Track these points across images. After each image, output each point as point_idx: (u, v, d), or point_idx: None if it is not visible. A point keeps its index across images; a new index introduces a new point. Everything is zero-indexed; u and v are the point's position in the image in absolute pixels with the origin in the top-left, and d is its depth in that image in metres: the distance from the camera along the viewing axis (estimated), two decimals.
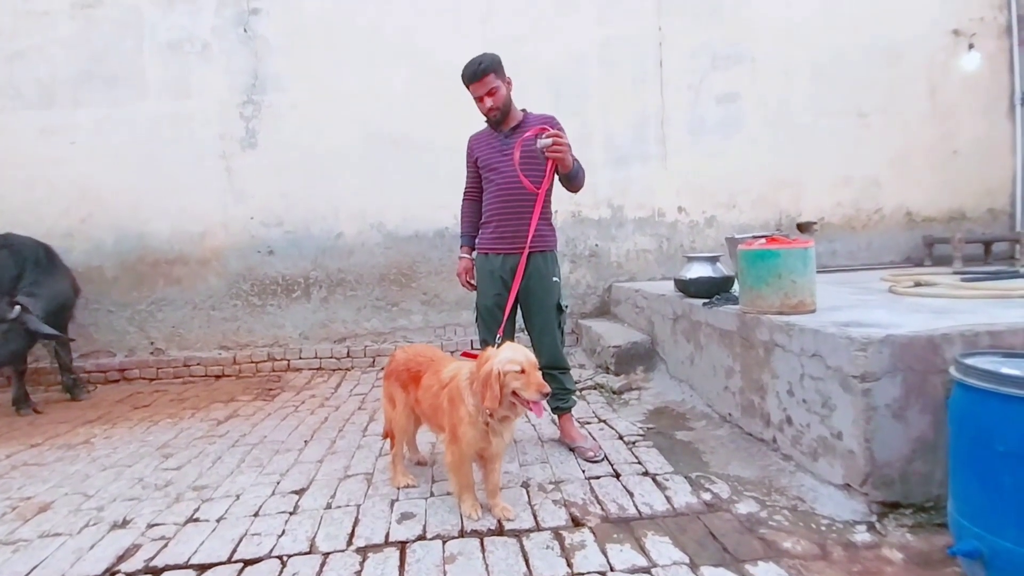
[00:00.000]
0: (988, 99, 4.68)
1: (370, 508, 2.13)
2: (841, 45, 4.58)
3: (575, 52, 4.55)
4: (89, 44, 4.53)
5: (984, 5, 4.62)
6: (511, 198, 2.42)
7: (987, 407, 1.44)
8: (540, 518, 1.98)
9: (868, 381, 1.83)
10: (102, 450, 2.96)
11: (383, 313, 4.63)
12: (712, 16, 4.55)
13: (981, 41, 4.58)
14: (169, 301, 4.60)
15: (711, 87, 4.59)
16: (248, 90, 4.57)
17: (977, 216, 4.78)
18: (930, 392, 1.82)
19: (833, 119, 4.64)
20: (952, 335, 1.85)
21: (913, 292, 2.71)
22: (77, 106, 4.55)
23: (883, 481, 1.84)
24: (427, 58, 4.50)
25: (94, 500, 2.34)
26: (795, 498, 2.02)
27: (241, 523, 2.08)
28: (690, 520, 1.92)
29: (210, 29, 4.56)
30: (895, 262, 4.73)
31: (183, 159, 4.56)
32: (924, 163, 4.70)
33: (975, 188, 4.75)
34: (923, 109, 4.67)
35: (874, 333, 1.86)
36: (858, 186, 4.72)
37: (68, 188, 4.55)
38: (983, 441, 1.45)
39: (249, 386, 4.24)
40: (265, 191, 4.59)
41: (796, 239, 2.42)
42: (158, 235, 4.59)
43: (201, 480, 2.49)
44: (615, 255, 4.62)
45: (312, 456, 2.71)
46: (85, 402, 4.01)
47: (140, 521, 2.13)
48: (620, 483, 2.22)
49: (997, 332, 1.87)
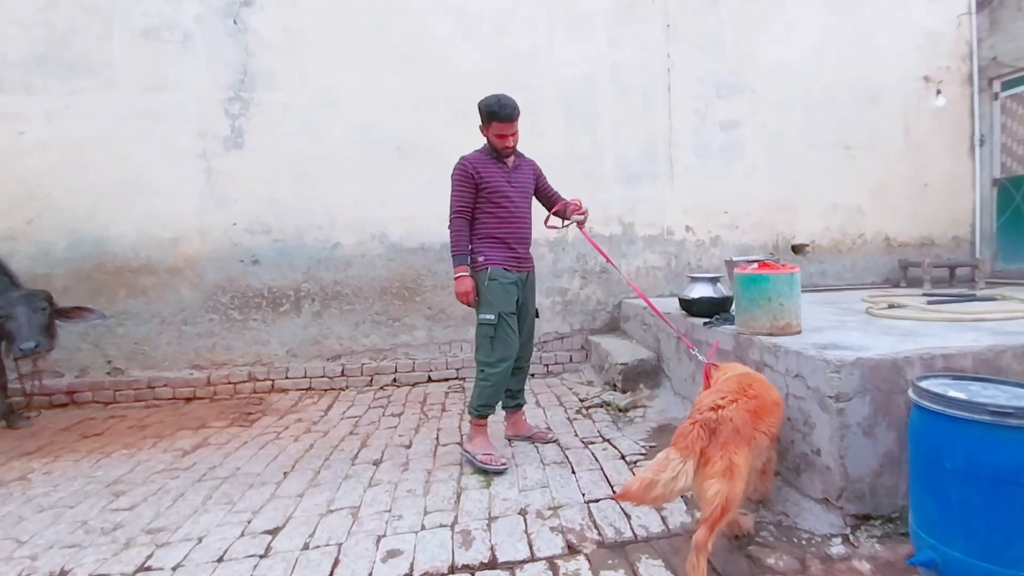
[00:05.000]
0: (953, 139, 5.13)
1: (352, 546, 1.98)
2: (830, 83, 4.91)
3: (587, 72, 4.57)
4: (48, 24, 4.04)
5: (951, 56, 5.12)
6: (523, 224, 2.76)
7: (937, 427, 1.55)
8: (536, 547, 1.93)
9: (842, 401, 1.94)
10: (40, 488, 2.60)
11: (383, 328, 4.29)
12: (717, 47, 4.74)
13: (947, 87, 5.05)
14: (132, 314, 4.06)
15: (715, 113, 4.74)
16: (236, 86, 4.21)
17: (944, 243, 5.18)
18: (895, 411, 1.95)
19: (822, 150, 4.92)
20: (913, 358, 1.99)
21: (885, 314, 2.92)
22: (29, 92, 4.01)
23: (855, 495, 1.94)
24: (437, 66, 4.35)
25: (27, 547, 2.08)
26: (780, 513, 2.08)
27: (201, 571, 1.87)
28: (684, 540, 1.88)
29: (193, 18, 4.19)
30: (876, 283, 5.02)
31: (154, 157, 4.11)
32: (900, 194, 5.06)
33: (942, 217, 5.16)
34: (899, 145, 5.05)
35: (847, 356, 1.98)
36: (844, 212, 4.99)
37: (12, 185, 3.97)
38: (934, 459, 1.56)
39: (225, 410, 3.80)
40: (251, 195, 4.19)
41: (784, 264, 2.53)
42: (121, 240, 4.07)
43: (157, 521, 2.24)
44: (625, 271, 4.58)
45: (291, 490, 2.48)
46: (23, 431, 3.47)
47: (80, 572, 1.90)
48: (619, 505, 2.19)
49: (950, 355, 2.02)
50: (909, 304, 3.13)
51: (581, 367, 4.46)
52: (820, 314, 3.07)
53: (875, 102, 4.97)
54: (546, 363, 4.47)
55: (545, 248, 4.44)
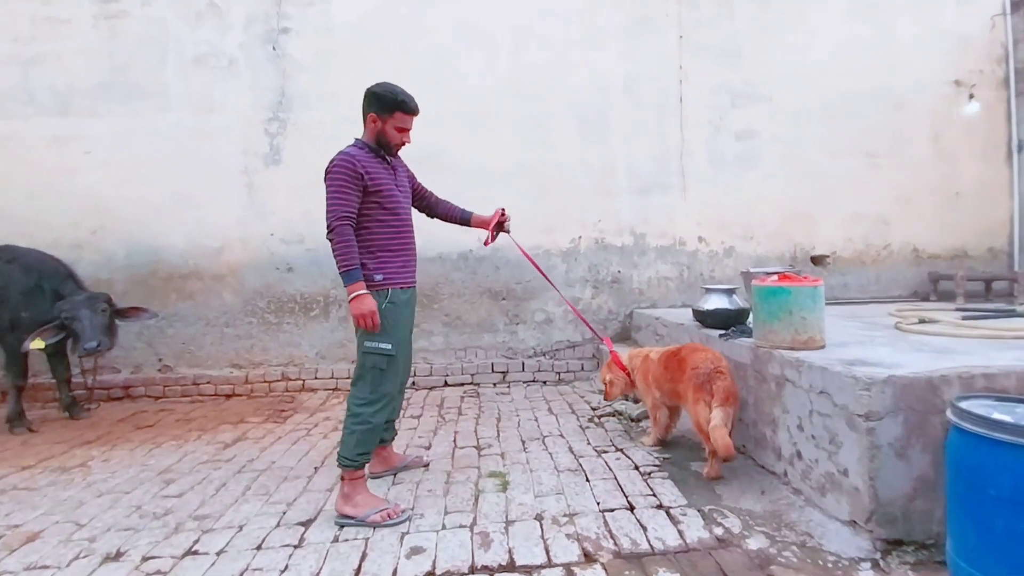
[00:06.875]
0: (987, 145, 4.94)
1: (378, 541, 2.05)
2: (850, 90, 4.82)
3: (600, 84, 4.69)
4: (111, 54, 4.49)
5: (984, 58, 4.94)
6: (412, 232, 2.45)
7: (980, 451, 1.47)
8: (552, 553, 1.95)
9: (872, 420, 1.87)
10: (99, 474, 2.82)
11: None
12: (732, 57, 4.76)
13: (981, 92, 4.88)
14: (180, 317, 4.46)
15: (730, 124, 4.76)
16: (274, 107, 4.56)
17: (978, 254, 4.99)
18: (930, 432, 1.87)
19: (843, 159, 4.84)
20: (950, 376, 1.90)
21: (917, 330, 2.79)
22: (94, 116, 4.47)
23: (887, 518, 1.86)
24: (456, 83, 4.57)
25: (86, 529, 2.22)
26: (804, 533, 2.02)
27: (242, 557, 1.98)
28: (702, 556, 1.89)
29: (238, 45, 4.56)
30: (903, 296, 4.89)
31: (203, 173, 4.49)
32: (928, 203, 4.92)
33: (976, 228, 4.97)
34: (927, 153, 4.91)
35: (878, 373, 1.90)
36: (867, 223, 4.89)
37: (79, 199, 4.42)
38: (977, 484, 1.48)
39: (260, 407, 4.10)
40: (287, 208, 4.53)
41: (806, 277, 2.47)
42: (172, 249, 4.48)
43: (202, 509, 2.38)
44: (637, 282, 4.67)
45: (322, 484, 2.60)
46: (84, 421, 3.82)
47: (135, 553, 2.02)
48: (634, 516, 2.19)
49: (992, 375, 1.91)
50: (942, 319, 2.98)
51: (593, 376, 4.56)
52: (845, 328, 2.98)
53: (900, 108, 4.85)
54: (558, 371, 4.60)
55: (558, 258, 4.59)
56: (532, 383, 4.55)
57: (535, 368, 4.60)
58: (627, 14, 4.70)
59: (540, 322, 4.65)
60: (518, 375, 4.58)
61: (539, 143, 4.60)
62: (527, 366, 4.60)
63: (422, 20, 4.58)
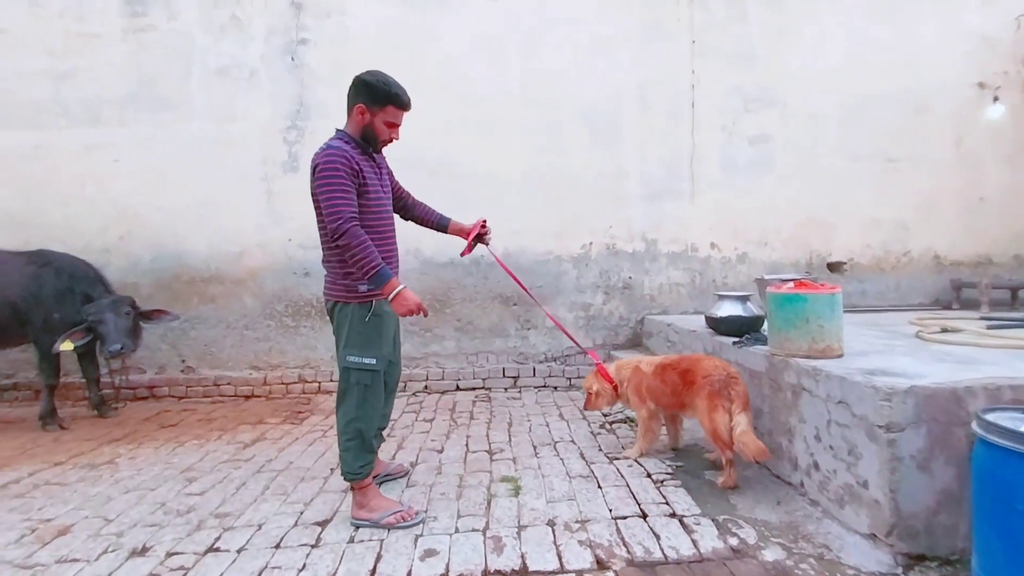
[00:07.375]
0: (1013, 149, 4.80)
1: (393, 543, 2.09)
2: (868, 93, 4.74)
3: (611, 91, 4.69)
4: (139, 67, 4.65)
5: (1008, 60, 4.80)
6: (393, 235, 2.29)
7: (1008, 465, 1.43)
8: (565, 559, 1.95)
9: (893, 431, 1.83)
10: (126, 471, 2.93)
11: (415, 338, 4.63)
12: (746, 61, 4.72)
13: (1005, 94, 4.74)
14: (203, 319, 4.61)
15: (743, 128, 4.72)
16: (293, 116, 4.68)
17: (1003, 262, 4.86)
18: (954, 444, 1.83)
19: (861, 163, 4.76)
20: (975, 388, 1.85)
21: (939, 339, 2.72)
22: (123, 125, 4.64)
23: (908, 532, 1.83)
24: (468, 90, 4.63)
25: (114, 525, 2.30)
26: (821, 546, 1.99)
27: (262, 555, 2.03)
28: (716, 566, 1.87)
29: (258, 57, 4.70)
30: (923, 304, 4.78)
31: (224, 180, 4.64)
32: (951, 208, 4.80)
33: (1001, 234, 4.84)
34: (949, 157, 4.79)
35: (899, 383, 1.87)
36: (887, 229, 4.80)
37: (108, 206, 4.60)
38: (1004, 498, 1.44)
39: (278, 408, 4.21)
40: (304, 214, 4.50)
41: (824, 284, 2.43)
42: (195, 254, 4.63)
43: (224, 507, 2.45)
44: (648, 288, 4.67)
45: (338, 485, 2.65)
46: (112, 420, 3.98)
47: (160, 549, 2.09)
48: (647, 524, 2.18)
49: (1019, 386, 1.86)
50: (966, 328, 2.92)
51: None
52: (863, 337, 2.92)
53: (921, 111, 4.75)
54: (569, 376, 4.62)
55: (569, 264, 4.62)
56: (543, 388, 4.57)
57: (546, 373, 4.63)
58: (638, 19, 4.69)
59: (551, 327, 4.67)
60: (529, 380, 4.61)
61: (550, 149, 4.63)
62: (538, 371, 4.64)
63: (434, 29, 4.65)
